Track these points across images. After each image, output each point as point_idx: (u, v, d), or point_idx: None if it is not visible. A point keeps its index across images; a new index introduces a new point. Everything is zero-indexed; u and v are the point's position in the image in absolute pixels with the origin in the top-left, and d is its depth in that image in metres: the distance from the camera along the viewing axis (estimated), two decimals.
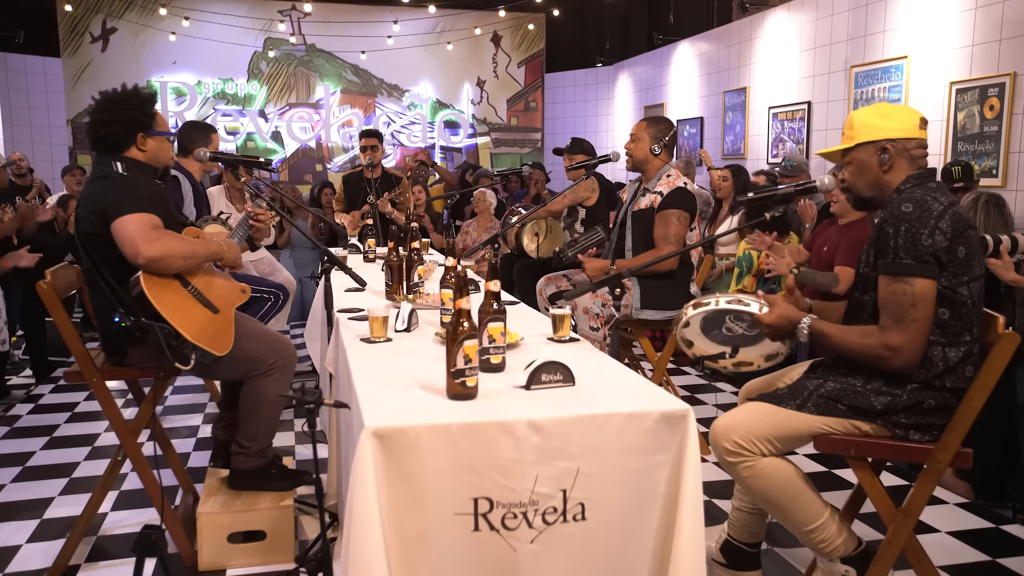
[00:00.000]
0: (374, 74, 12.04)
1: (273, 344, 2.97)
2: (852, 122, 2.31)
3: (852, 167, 2.32)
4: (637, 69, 11.00)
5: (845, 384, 2.23)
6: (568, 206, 5.26)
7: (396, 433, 1.79)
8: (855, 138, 2.30)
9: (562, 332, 2.62)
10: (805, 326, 2.23)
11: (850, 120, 2.32)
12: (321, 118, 11.88)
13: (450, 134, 12.41)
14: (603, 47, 12.03)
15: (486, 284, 2.24)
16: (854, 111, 2.34)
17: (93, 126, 2.83)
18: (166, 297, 2.67)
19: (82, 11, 10.93)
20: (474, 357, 1.97)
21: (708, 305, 2.34)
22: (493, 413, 1.88)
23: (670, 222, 3.78)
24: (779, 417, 2.22)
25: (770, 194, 2.39)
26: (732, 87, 8.46)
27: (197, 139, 4.38)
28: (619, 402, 1.97)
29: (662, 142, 3.89)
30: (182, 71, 11.35)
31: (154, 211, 2.69)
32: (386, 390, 2.06)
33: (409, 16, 11.71)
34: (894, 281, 2.11)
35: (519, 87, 12.58)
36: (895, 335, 2.09)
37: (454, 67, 12.28)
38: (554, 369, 2.09)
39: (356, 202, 6.44)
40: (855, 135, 2.30)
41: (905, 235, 2.10)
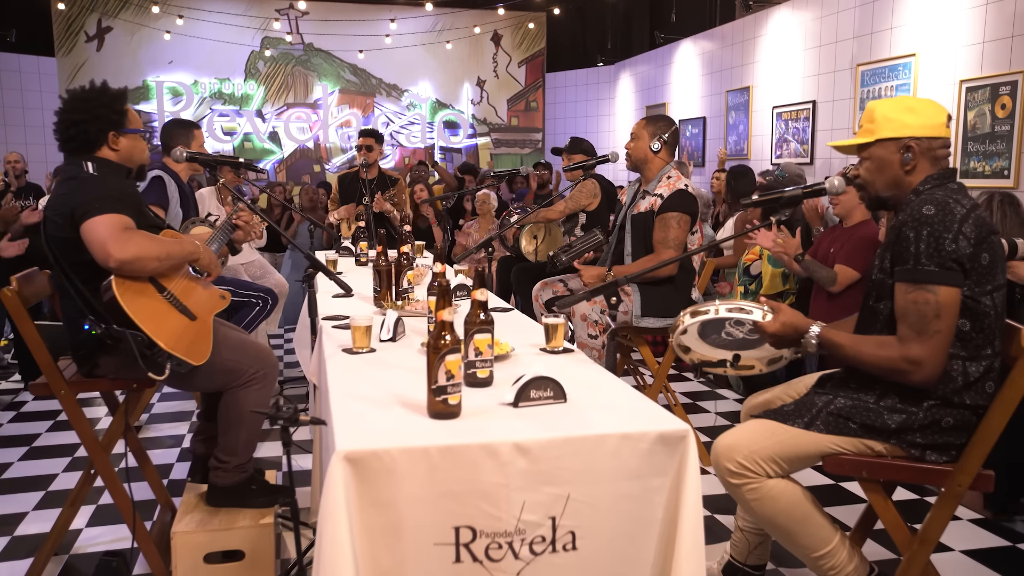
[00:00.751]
0: (373, 74, 11.90)
1: (254, 354, 2.83)
2: (873, 114, 2.15)
3: (870, 164, 2.16)
4: (639, 68, 10.85)
5: (856, 400, 2.08)
6: (567, 214, 5.11)
7: (370, 457, 1.64)
8: (876, 132, 2.13)
9: (555, 342, 2.48)
10: (813, 335, 2.08)
11: (870, 112, 2.16)
12: (319, 118, 11.74)
13: (450, 134, 12.27)
14: (604, 46, 11.88)
15: (472, 293, 2.10)
16: (875, 102, 2.18)
17: (61, 126, 2.69)
18: (139, 303, 2.53)
19: (77, 10, 10.81)
20: (457, 373, 1.82)
21: (707, 314, 2.19)
22: (477, 434, 1.73)
23: (670, 226, 3.64)
24: (785, 436, 2.08)
25: (776, 196, 2.24)
26: (735, 86, 8.31)
27: (180, 137, 4.24)
28: (613, 421, 1.83)
29: (662, 139, 3.74)
30: (178, 71, 11.22)
31: (125, 212, 2.56)
32: (363, 407, 1.92)
33: (408, 15, 11.58)
34: (915, 289, 1.96)
35: (520, 87, 12.44)
36: (916, 347, 1.95)
37: (454, 67, 12.14)
38: (544, 385, 1.94)
39: (350, 204, 6.31)
40: (876, 129, 2.13)
41: (927, 240, 1.95)
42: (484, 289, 2.09)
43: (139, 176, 2.85)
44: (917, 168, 2.10)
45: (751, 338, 2.24)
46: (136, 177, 2.83)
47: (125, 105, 2.75)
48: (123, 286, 2.50)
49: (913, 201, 2.05)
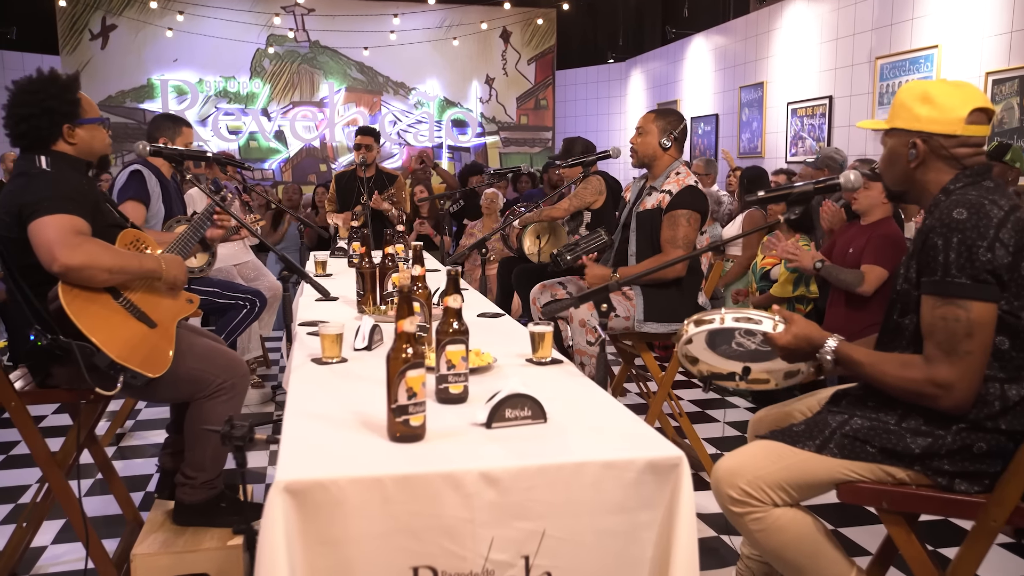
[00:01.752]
0: (380, 71, 11.72)
1: (222, 363, 2.63)
2: (898, 96, 1.94)
3: (885, 151, 1.97)
4: (650, 65, 10.61)
5: (875, 421, 1.85)
6: (572, 213, 4.88)
7: (315, 488, 1.44)
8: (892, 119, 1.93)
9: (542, 352, 2.26)
10: (830, 350, 1.85)
11: (899, 92, 1.96)
12: (325, 117, 11.58)
13: (458, 133, 12.07)
14: (616, 42, 11.64)
15: (444, 299, 1.89)
16: (907, 83, 1.97)
17: (9, 122, 2.47)
18: (90, 311, 2.33)
19: (81, 7, 10.69)
20: (420, 391, 1.61)
21: (712, 323, 1.97)
22: (438, 461, 1.52)
23: (679, 224, 3.41)
24: (794, 460, 1.85)
25: (784, 193, 2.02)
26: (749, 82, 8.07)
27: (164, 130, 4.06)
28: (597, 446, 1.61)
29: (671, 135, 3.52)
30: (183, 69, 11.08)
31: (78, 212, 2.36)
32: (317, 427, 1.71)
33: (414, 10, 11.38)
34: (944, 304, 1.73)
35: (529, 85, 12.22)
36: (945, 369, 1.71)
37: (462, 64, 11.94)
38: (520, 403, 1.73)
39: (349, 202, 6.12)
40: (894, 115, 1.93)
41: (958, 248, 1.72)
42: (457, 295, 1.88)
43: (101, 167, 2.65)
44: (927, 166, 1.88)
45: (764, 349, 2.02)
46: (99, 167, 2.64)
47: (77, 93, 2.54)
48: (71, 293, 2.30)
49: (943, 202, 1.82)
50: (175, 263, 2.59)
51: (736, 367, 2.08)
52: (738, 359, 2.09)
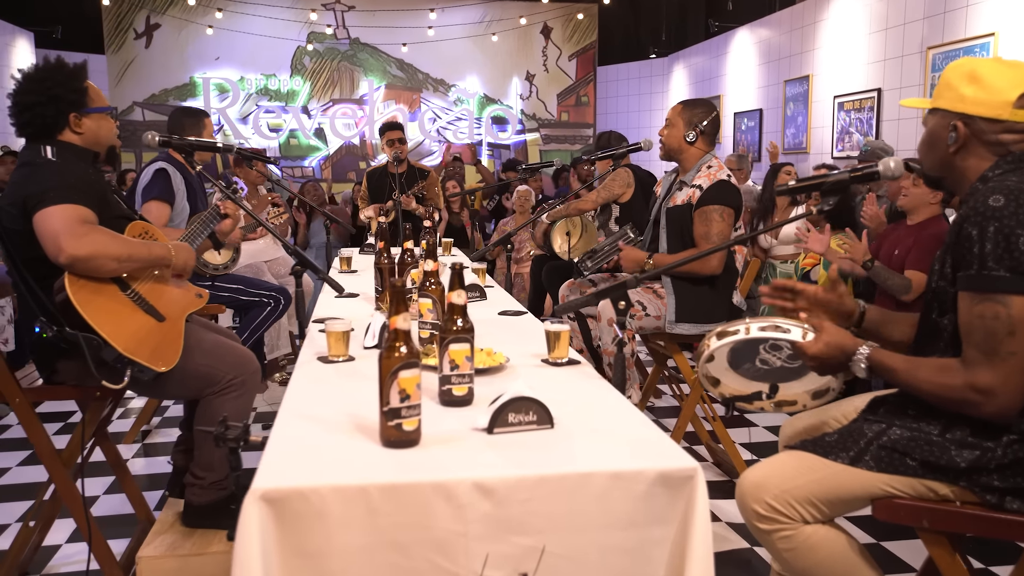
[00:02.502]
0: (419, 68, 11.67)
1: (232, 359, 2.55)
2: (943, 74, 1.79)
3: (925, 133, 1.81)
4: (693, 60, 10.39)
5: (916, 432, 1.69)
6: (600, 204, 4.73)
7: (294, 497, 1.33)
8: (936, 98, 1.78)
9: (558, 352, 2.13)
10: (863, 357, 1.70)
11: (945, 70, 1.80)
12: (365, 114, 11.56)
13: (498, 130, 11.96)
14: (659, 37, 11.42)
15: (448, 295, 1.77)
16: (957, 60, 1.82)
17: (15, 110, 2.41)
18: (96, 303, 2.27)
19: (126, 7, 10.81)
20: (414, 393, 1.50)
21: (737, 334, 1.82)
22: (430, 469, 1.41)
23: (711, 219, 3.26)
24: (826, 473, 1.69)
25: (817, 182, 1.86)
26: (793, 75, 7.82)
27: (187, 126, 4.01)
28: (604, 455, 1.48)
29: (698, 128, 3.36)
30: (225, 67, 11.15)
31: (84, 202, 2.29)
32: (309, 430, 1.61)
33: (453, 5, 11.30)
34: (982, 300, 1.57)
35: (570, 81, 12.06)
36: (985, 373, 1.55)
37: (502, 61, 11.83)
38: (525, 407, 1.61)
39: (381, 199, 6.04)
40: (938, 95, 1.78)
41: (995, 238, 1.55)
42: (461, 291, 1.77)
43: (109, 159, 2.59)
44: (968, 151, 1.72)
45: (792, 365, 1.87)
46: (106, 159, 2.58)
47: (85, 82, 2.47)
48: (78, 284, 2.24)
49: (980, 190, 1.65)
50: (184, 250, 2.54)
51: (761, 387, 1.93)
52: (762, 379, 1.94)
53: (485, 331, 2.60)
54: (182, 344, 2.44)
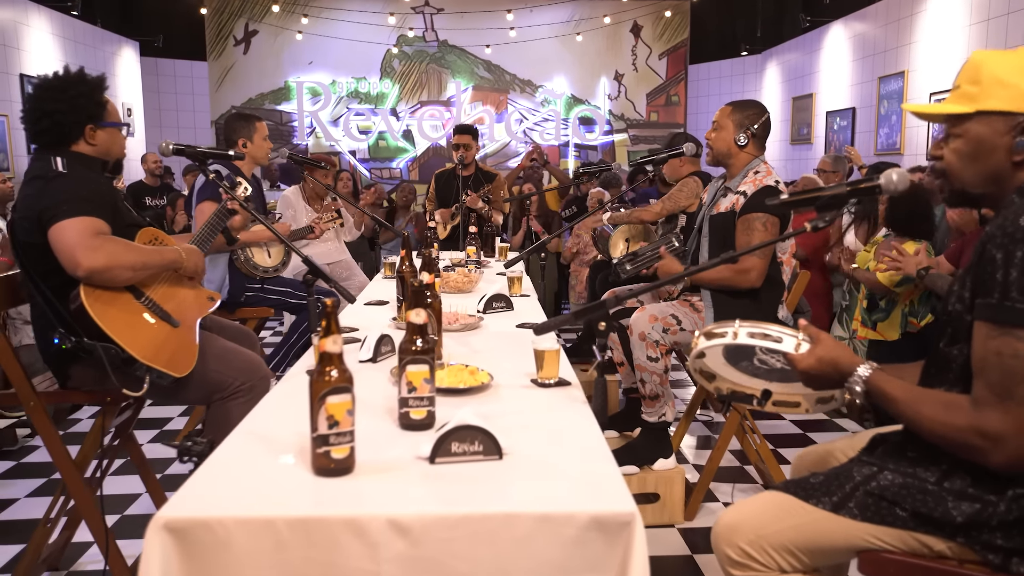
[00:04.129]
0: (506, 69, 11.65)
1: (240, 364, 2.56)
2: (978, 71, 1.51)
3: (962, 144, 1.53)
4: (786, 56, 9.97)
5: (910, 478, 1.50)
6: (665, 216, 4.55)
7: (199, 527, 1.28)
8: (978, 100, 1.50)
9: (546, 372, 2.03)
10: (860, 379, 1.51)
11: (974, 67, 1.53)
12: (452, 116, 11.62)
13: (585, 131, 11.81)
14: (753, 33, 11.01)
15: (406, 314, 1.70)
16: (983, 53, 1.54)
17: (33, 116, 2.45)
18: (111, 313, 2.30)
19: (227, 15, 11.22)
20: (344, 419, 1.43)
21: (723, 337, 1.68)
22: (345, 502, 1.33)
23: (754, 228, 3.06)
24: (806, 519, 1.53)
25: (812, 196, 1.68)
26: (888, 72, 7.37)
27: (240, 130, 4.09)
28: (537, 494, 1.37)
29: (749, 131, 3.16)
30: (317, 71, 11.42)
31: (97, 213, 2.34)
32: (249, 452, 1.56)
33: (541, 5, 11.22)
34: (1001, 334, 1.37)
35: (660, 80, 11.79)
36: (995, 416, 1.36)
37: (590, 60, 11.67)
38: (470, 437, 1.51)
39: (448, 202, 6.04)
40: (979, 95, 1.50)
41: (1022, 265, 1.36)
42: (420, 310, 1.69)
43: (115, 169, 2.64)
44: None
45: (791, 368, 1.71)
46: (113, 170, 2.63)
47: (104, 94, 2.53)
48: (93, 295, 2.28)
49: (1015, 204, 1.44)
50: (194, 253, 2.58)
51: (755, 391, 1.78)
52: (764, 377, 1.79)
53: (492, 345, 2.53)
54: (197, 349, 2.46)
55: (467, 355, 2.39)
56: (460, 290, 3.51)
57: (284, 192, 5.32)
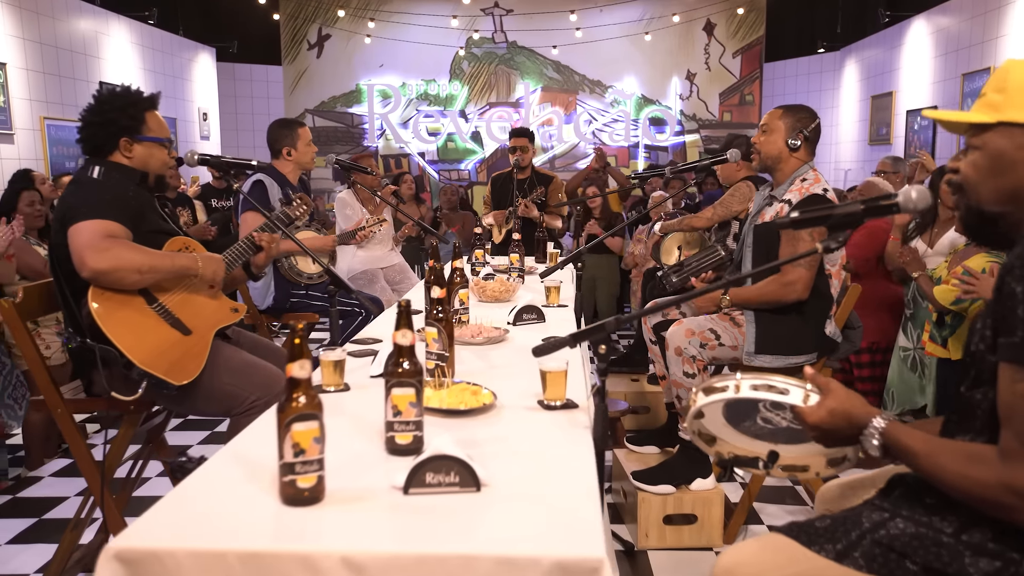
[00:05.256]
0: (576, 70, 11.52)
1: (258, 380, 2.54)
2: (1005, 79, 1.38)
3: (980, 155, 1.40)
4: (865, 53, 9.57)
5: (925, 528, 1.36)
6: (717, 222, 4.39)
7: (149, 559, 1.25)
8: (1002, 109, 1.37)
9: (551, 394, 1.94)
10: (875, 431, 1.38)
11: (1002, 73, 1.39)
12: (521, 117, 11.57)
13: (655, 132, 11.59)
14: (831, 30, 10.60)
15: (393, 335, 1.64)
16: (1016, 60, 1.40)
17: (79, 127, 2.58)
18: (118, 316, 2.34)
19: (301, 21, 11.43)
20: (310, 447, 1.38)
21: (725, 392, 1.54)
22: (305, 536, 1.28)
23: (799, 239, 2.90)
24: (807, 567, 1.40)
25: (823, 214, 1.55)
26: (973, 68, 6.98)
27: (283, 138, 4.11)
28: (507, 533, 1.29)
29: (802, 134, 3.00)
30: (388, 73, 11.52)
31: (115, 216, 2.38)
32: (226, 477, 1.53)
33: (612, 5, 11.06)
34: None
35: (734, 79, 11.47)
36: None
37: (661, 60, 11.44)
38: (446, 467, 1.44)
39: (503, 206, 5.98)
40: (1004, 104, 1.37)
41: None
42: (407, 331, 1.62)
43: (158, 187, 2.67)
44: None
45: (799, 426, 1.57)
46: (155, 188, 2.65)
47: (144, 111, 2.58)
48: (101, 297, 2.32)
49: None
50: (213, 261, 2.57)
51: (761, 453, 1.64)
52: (770, 439, 1.65)
53: (513, 360, 2.45)
54: (205, 358, 2.46)
55: (483, 371, 2.32)
56: (497, 299, 3.45)
57: (339, 194, 5.35)
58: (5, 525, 3.31)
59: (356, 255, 5.52)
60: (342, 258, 5.54)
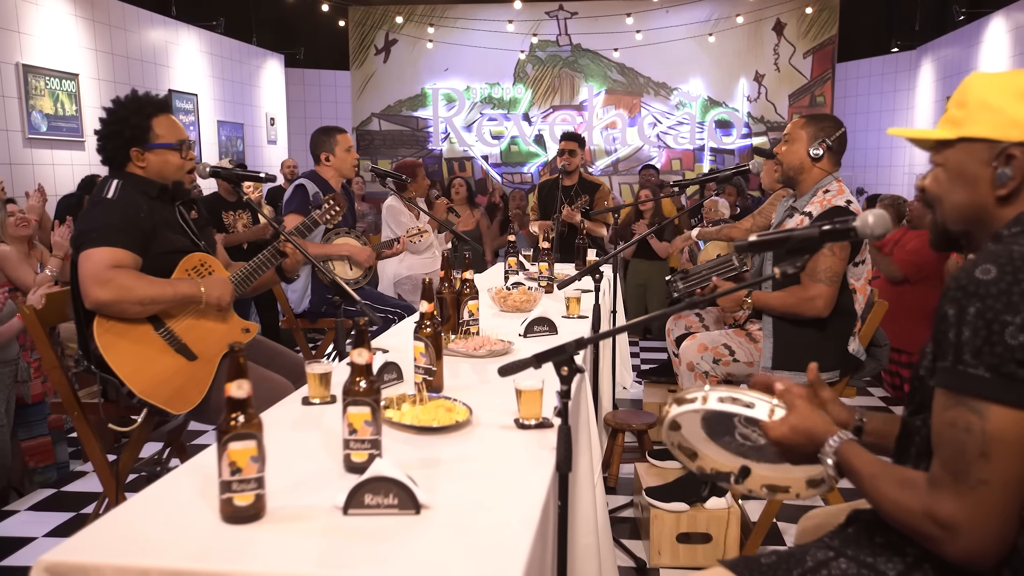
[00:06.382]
0: (640, 72, 11.40)
1: (264, 394, 2.54)
2: (966, 94, 1.33)
3: (943, 172, 1.35)
4: (941, 52, 9.18)
5: (867, 569, 1.29)
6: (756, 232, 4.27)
7: (77, 572, 1.28)
8: (963, 124, 1.31)
9: (525, 412, 1.92)
10: (830, 450, 1.33)
11: (963, 88, 1.34)
12: (584, 120, 11.52)
13: (721, 134, 11.38)
14: (906, 29, 10.20)
15: (351, 353, 1.64)
16: (977, 74, 1.35)
17: (96, 140, 2.64)
18: (121, 344, 2.39)
19: (368, 27, 11.63)
20: (247, 466, 1.39)
21: (693, 403, 1.52)
22: (223, 557, 1.30)
23: (821, 252, 2.81)
24: None
25: (783, 237, 1.48)
26: None
27: (322, 145, 4.20)
28: (429, 559, 1.28)
29: (825, 143, 2.91)
30: (453, 77, 11.62)
31: (124, 243, 2.41)
32: (183, 486, 1.56)
33: (678, 5, 10.90)
34: (955, 404, 1.16)
35: (804, 80, 11.17)
36: (949, 501, 1.15)
37: (728, 61, 11.23)
38: (385, 489, 1.44)
39: (550, 212, 5.96)
40: (965, 119, 1.31)
41: (975, 323, 1.14)
42: (363, 350, 1.63)
43: (177, 194, 2.69)
44: (1019, 196, 1.26)
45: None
46: (174, 195, 2.67)
47: (150, 119, 2.57)
48: (104, 325, 2.38)
49: (986, 251, 1.22)
50: (217, 285, 2.56)
51: (733, 469, 1.59)
52: (753, 456, 1.60)
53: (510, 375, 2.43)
54: (209, 384, 2.50)
55: (475, 385, 2.32)
56: (519, 309, 3.43)
57: (388, 201, 5.42)
58: (46, 518, 3.46)
59: (403, 261, 5.58)
60: (389, 263, 5.62)
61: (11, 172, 5.86)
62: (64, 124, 6.38)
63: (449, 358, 2.60)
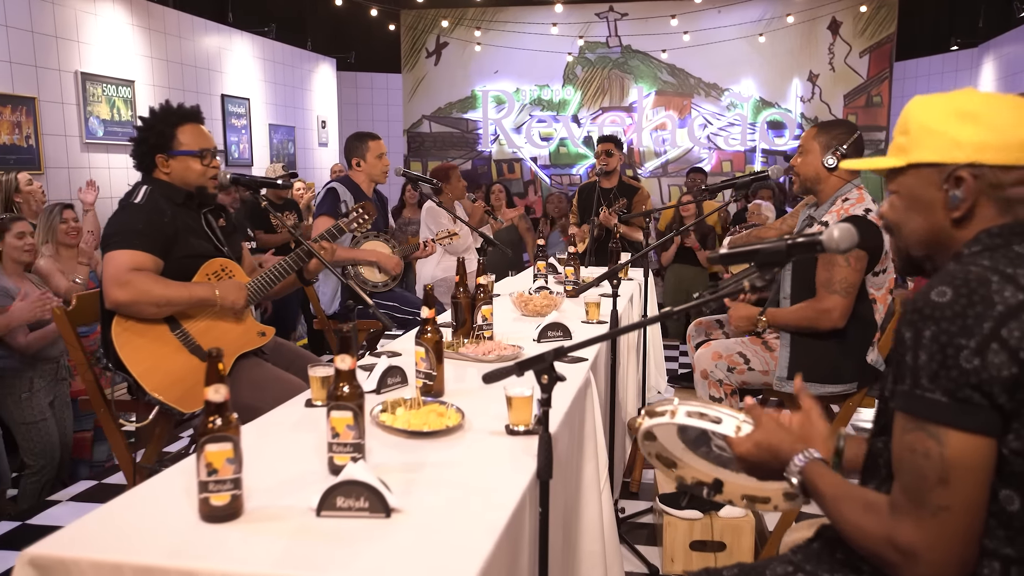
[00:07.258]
0: (691, 73, 11.28)
1: (276, 393, 2.64)
2: (907, 120, 1.33)
3: (899, 199, 1.36)
4: (1004, 50, 8.88)
5: None
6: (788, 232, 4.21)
7: (57, 566, 1.36)
8: (908, 151, 1.32)
9: (515, 418, 1.95)
10: (796, 469, 1.34)
11: (905, 116, 1.35)
12: (634, 122, 11.45)
13: (773, 135, 11.18)
14: (970, 26, 9.88)
15: (335, 359, 1.69)
16: (916, 100, 1.35)
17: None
18: (137, 343, 2.50)
19: (419, 30, 11.76)
20: (222, 467, 1.45)
21: (663, 416, 1.54)
22: (195, 555, 1.35)
23: (836, 263, 2.77)
24: None
25: (752, 249, 1.47)
26: None
27: (354, 150, 4.28)
28: (388, 563, 1.32)
29: (838, 152, 2.86)
30: (503, 79, 11.67)
31: (145, 247, 2.52)
32: (174, 484, 1.63)
33: (731, 5, 10.76)
34: (914, 428, 1.15)
35: (860, 79, 10.91)
36: (908, 527, 1.14)
37: (781, 61, 11.03)
38: (356, 492, 1.48)
39: (588, 216, 5.96)
40: (910, 146, 1.32)
41: (930, 347, 1.14)
42: (346, 356, 1.68)
43: (202, 201, 2.76)
44: (974, 216, 1.25)
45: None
46: (199, 201, 2.75)
47: (175, 127, 2.68)
48: (122, 325, 2.49)
49: (944, 272, 1.21)
50: (232, 289, 2.64)
51: (707, 480, 1.60)
52: (731, 467, 1.61)
53: (512, 381, 2.44)
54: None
55: (476, 390, 2.34)
56: (539, 313, 3.45)
57: (428, 203, 5.50)
58: (86, 509, 3.60)
59: (439, 263, 5.65)
60: (425, 265, 5.70)
61: (69, 175, 6.10)
62: (120, 129, 6.62)
63: (458, 362, 2.64)
